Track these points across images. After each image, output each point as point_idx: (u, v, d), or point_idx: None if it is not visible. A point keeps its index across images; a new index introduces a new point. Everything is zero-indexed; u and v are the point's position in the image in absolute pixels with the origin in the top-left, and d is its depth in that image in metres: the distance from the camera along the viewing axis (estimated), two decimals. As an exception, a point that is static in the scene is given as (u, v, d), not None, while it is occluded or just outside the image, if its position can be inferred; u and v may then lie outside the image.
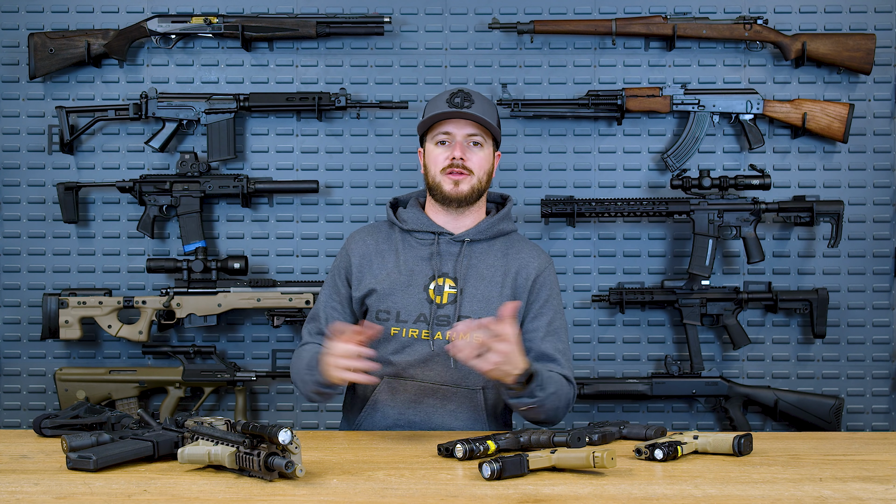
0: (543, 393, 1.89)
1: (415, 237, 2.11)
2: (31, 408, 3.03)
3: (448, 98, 2.05)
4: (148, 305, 2.87)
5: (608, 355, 3.02)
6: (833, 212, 2.87)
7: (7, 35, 3.02)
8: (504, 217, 2.15)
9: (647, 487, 1.44)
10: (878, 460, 1.67)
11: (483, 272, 2.08)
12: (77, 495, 1.39)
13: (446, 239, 2.09)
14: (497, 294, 2.05)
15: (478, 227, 2.11)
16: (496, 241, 2.13)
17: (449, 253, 2.08)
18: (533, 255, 2.13)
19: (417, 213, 2.14)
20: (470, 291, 2.05)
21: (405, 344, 2.03)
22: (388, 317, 2.04)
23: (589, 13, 3.00)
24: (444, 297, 2.04)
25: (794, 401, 2.84)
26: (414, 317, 2.03)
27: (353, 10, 3.00)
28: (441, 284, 2.05)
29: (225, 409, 3.02)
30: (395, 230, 2.14)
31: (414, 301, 2.04)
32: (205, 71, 3.02)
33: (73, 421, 1.85)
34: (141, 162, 3.01)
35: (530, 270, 2.10)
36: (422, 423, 2.03)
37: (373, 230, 2.18)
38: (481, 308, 2.03)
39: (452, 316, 2.02)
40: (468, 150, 2.06)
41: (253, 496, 1.38)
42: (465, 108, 2.03)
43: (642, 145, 3.01)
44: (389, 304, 2.05)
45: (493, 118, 2.09)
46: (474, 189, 2.07)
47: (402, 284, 2.05)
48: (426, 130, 2.11)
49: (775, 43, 2.92)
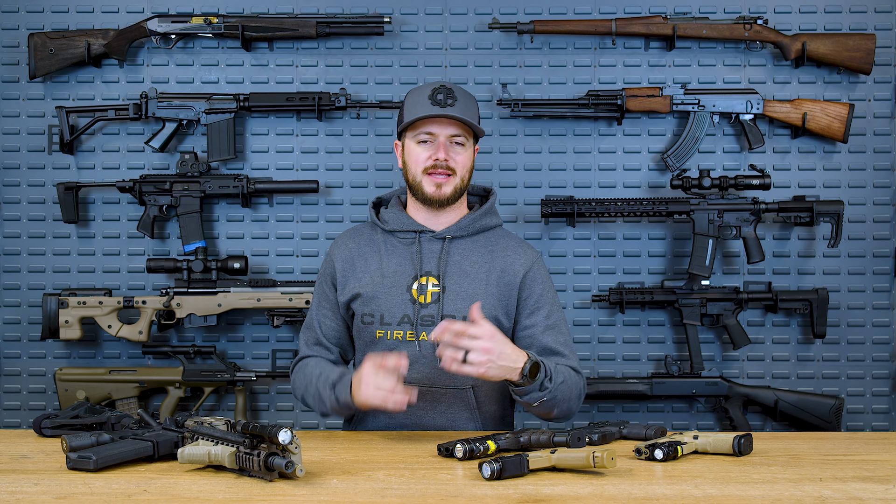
0: (552, 383, 1.85)
1: (397, 237, 2.09)
2: (31, 408, 3.03)
3: (430, 94, 2.00)
4: (148, 305, 2.87)
5: (608, 355, 3.02)
6: (833, 212, 2.87)
7: (7, 35, 3.02)
8: (487, 212, 2.12)
9: (647, 487, 1.44)
10: (878, 460, 1.67)
11: (466, 269, 2.04)
12: (77, 495, 1.39)
13: (427, 237, 2.07)
14: (482, 291, 2.02)
15: (459, 223, 2.08)
16: (479, 237, 2.10)
17: (430, 251, 2.06)
18: (519, 252, 2.09)
19: (398, 212, 2.11)
20: (453, 289, 2.01)
21: (391, 346, 2.00)
22: (373, 320, 2.02)
23: (589, 13, 3.00)
24: (428, 296, 2.01)
25: (794, 401, 2.85)
26: (398, 318, 2.01)
27: (353, 10, 3.01)
28: (424, 283, 2.02)
29: (225, 409, 3.02)
30: (378, 231, 2.12)
31: (397, 302, 2.01)
32: (205, 71, 3.02)
33: (73, 421, 1.85)
34: (141, 162, 3.01)
35: (517, 268, 2.06)
36: (412, 426, 2.01)
37: (355, 233, 2.15)
38: (466, 306, 1.98)
39: (436, 315, 1.99)
40: (451, 149, 2.02)
41: (253, 496, 1.38)
42: (448, 105, 1.99)
43: (642, 145, 3.01)
44: (373, 307, 2.02)
45: (475, 114, 2.06)
46: (456, 189, 2.04)
47: (386, 286, 2.03)
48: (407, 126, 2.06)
49: (775, 43, 2.92)
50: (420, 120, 2.01)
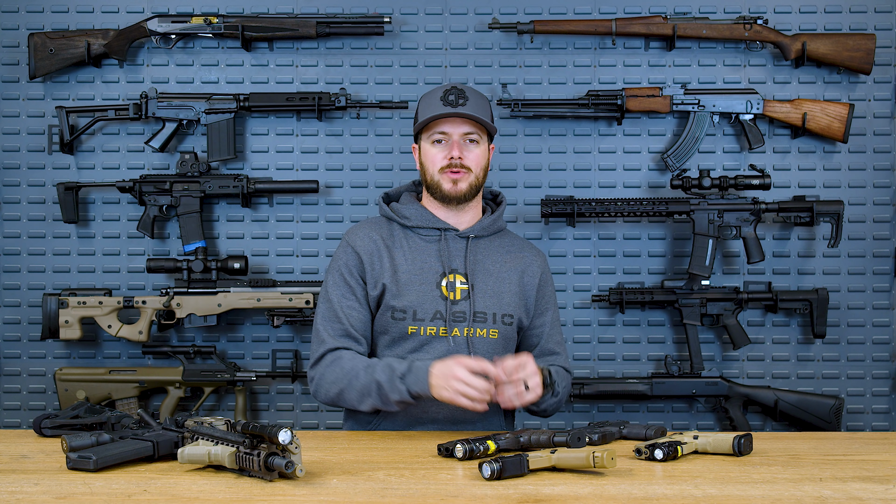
0: (561, 387, 2.03)
1: (418, 233, 2.11)
2: (31, 408, 3.03)
3: (442, 96, 2.07)
4: (148, 305, 2.87)
5: (608, 355, 3.02)
6: (833, 212, 2.87)
7: (7, 35, 3.02)
8: (501, 215, 2.21)
9: (647, 487, 1.44)
10: (878, 460, 1.67)
11: (489, 268, 2.11)
12: (77, 495, 1.39)
13: (452, 235, 2.11)
14: (507, 290, 2.11)
15: (481, 223, 2.15)
16: (496, 238, 2.18)
17: (456, 249, 2.11)
18: (534, 255, 2.21)
19: (419, 208, 2.14)
20: (480, 287, 2.08)
21: (424, 342, 2.04)
22: (405, 315, 2.04)
23: (589, 13, 3.00)
24: (457, 293, 2.06)
25: (794, 401, 2.84)
26: (430, 314, 2.04)
27: (353, 10, 3.01)
28: (452, 281, 2.07)
29: (225, 409, 3.02)
30: (395, 226, 2.13)
31: (429, 298, 2.05)
32: (205, 71, 3.02)
33: (73, 421, 1.85)
34: (141, 162, 3.01)
35: (535, 269, 2.17)
36: (444, 420, 2.02)
37: (374, 225, 2.15)
38: (494, 303, 2.08)
39: (468, 312, 2.05)
40: (465, 147, 2.08)
41: (253, 496, 1.38)
42: (459, 105, 2.05)
43: (642, 145, 3.01)
44: (405, 302, 2.04)
45: (487, 113, 2.11)
46: (472, 186, 2.10)
47: (415, 282, 2.06)
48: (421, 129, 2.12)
49: (775, 43, 2.92)
50: (433, 121, 2.07)
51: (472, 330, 2.04)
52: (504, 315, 2.09)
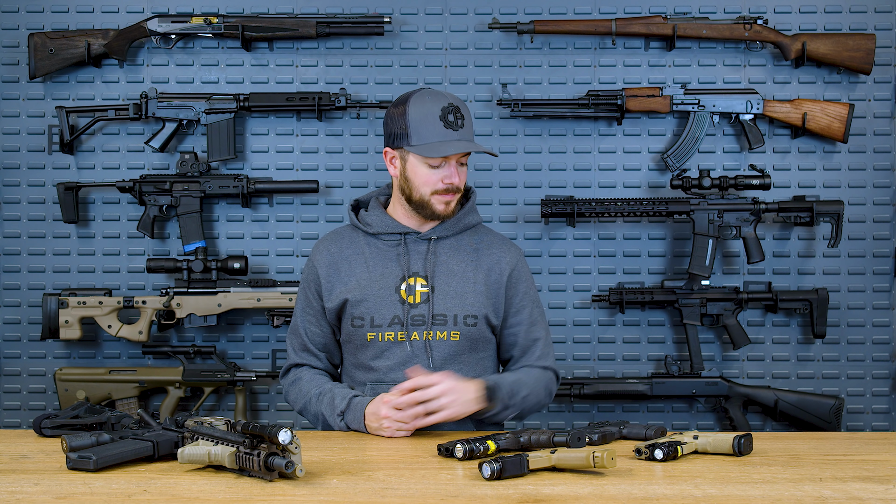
0: (517, 398, 1.97)
1: (381, 239, 2.09)
2: (31, 408, 3.03)
3: (441, 115, 1.97)
4: (148, 305, 2.87)
5: (608, 355, 3.02)
6: (833, 212, 2.87)
7: (7, 35, 3.02)
8: (469, 210, 2.12)
9: (647, 487, 1.44)
10: (878, 460, 1.67)
11: (453, 268, 2.06)
12: (77, 495, 1.39)
13: (413, 238, 2.07)
14: (470, 290, 2.04)
15: (443, 223, 2.08)
16: (463, 236, 2.11)
17: (416, 251, 2.06)
18: (504, 251, 2.12)
19: (381, 214, 2.10)
20: (442, 288, 2.03)
21: (383, 348, 2.02)
22: (363, 322, 2.03)
23: (589, 13, 3.00)
24: (417, 296, 2.03)
25: (794, 401, 2.85)
26: (388, 320, 2.02)
27: (353, 10, 3.00)
28: (412, 284, 2.04)
29: (225, 409, 3.02)
30: (359, 234, 2.11)
31: (386, 304, 2.02)
32: (205, 71, 3.02)
33: (73, 421, 1.85)
34: (141, 162, 3.01)
35: (503, 267, 2.09)
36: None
37: (335, 237, 2.14)
38: (455, 304, 2.02)
39: (427, 315, 2.01)
40: (459, 170, 2.02)
41: (253, 496, 1.38)
42: (459, 128, 1.98)
43: (642, 145, 3.01)
44: (362, 309, 2.03)
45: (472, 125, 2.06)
46: (458, 201, 2.08)
47: (374, 289, 2.04)
48: None
49: (775, 43, 2.92)
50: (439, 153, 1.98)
51: (431, 333, 2.01)
52: (467, 316, 2.02)
